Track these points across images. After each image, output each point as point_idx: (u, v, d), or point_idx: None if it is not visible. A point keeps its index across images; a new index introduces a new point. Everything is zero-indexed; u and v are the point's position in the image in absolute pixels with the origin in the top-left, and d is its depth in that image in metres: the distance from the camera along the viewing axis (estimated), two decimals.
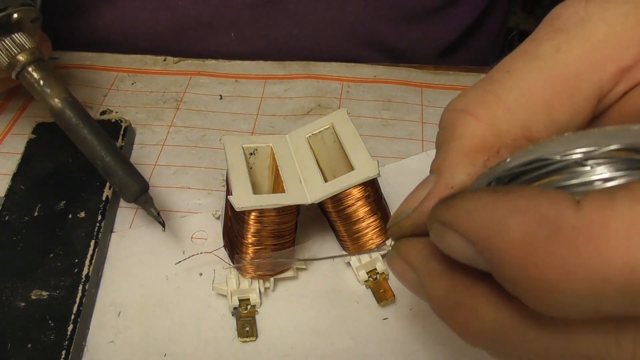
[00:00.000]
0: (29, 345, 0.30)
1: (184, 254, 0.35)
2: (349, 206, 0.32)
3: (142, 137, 0.44)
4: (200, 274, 0.35)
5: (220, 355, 0.31)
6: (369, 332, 0.32)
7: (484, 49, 0.63)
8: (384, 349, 0.31)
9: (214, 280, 0.34)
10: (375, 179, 0.32)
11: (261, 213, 0.30)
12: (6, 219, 0.35)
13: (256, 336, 0.32)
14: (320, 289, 0.34)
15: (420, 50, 0.56)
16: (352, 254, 0.34)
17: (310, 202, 0.31)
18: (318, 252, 0.36)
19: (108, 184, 0.37)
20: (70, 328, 0.31)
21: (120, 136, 0.41)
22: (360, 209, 0.32)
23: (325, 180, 0.32)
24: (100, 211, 0.36)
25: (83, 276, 0.33)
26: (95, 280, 0.34)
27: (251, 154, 0.34)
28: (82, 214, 0.36)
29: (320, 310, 0.33)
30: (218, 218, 0.37)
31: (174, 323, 0.33)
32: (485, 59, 0.65)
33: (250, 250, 0.31)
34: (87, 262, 0.33)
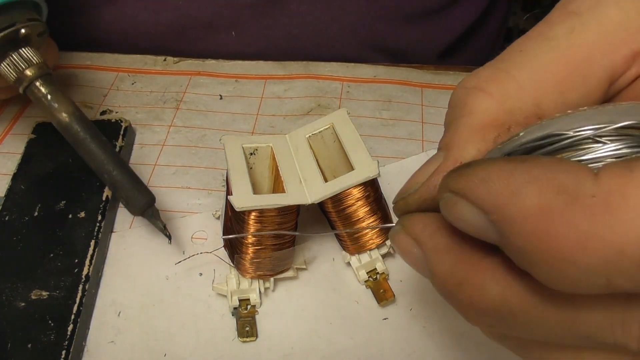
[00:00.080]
0: (29, 345, 0.30)
1: (184, 254, 0.35)
2: (349, 206, 0.32)
3: (142, 137, 0.44)
4: (200, 274, 0.35)
5: (220, 355, 0.31)
6: (369, 332, 0.32)
7: (484, 49, 0.64)
8: (384, 349, 0.31)
9: (214, 280, 0.34)
10: (375, 179, 0.32)
11: (261, 213, 0.30)
12: (6, 219, 0.35)
13: (256, 336, 0.32)
14: (320, 289, 0.34)
15: (420, 50, 0.56)
16: (353, 252, 0.34)
17: (310, 202, 0.31)
18: (318, 253, 0.36)
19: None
20: (70, 328, 0.31)
21: (120, 136, 0.41)
22: (360, 209, 0.32)
23: (325, 180, 0.32)
24: (100, 211, 0.36)
25: (83, 276, 0.33)
26: (95, 280, 0.34)
27: (251, 154, 0.34)
28: (82, 214, 0.36)
29: (320, 311, 0.33)
30: (218, 218, 0.37)
31: (174, 323, 0.33)
32: (486, 59, 0.64)
33: (250, 250, 0.31)
34: (87, 262, 0.34)
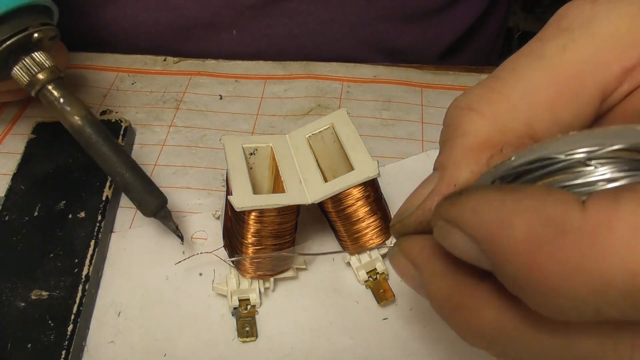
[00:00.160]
0: (29, 345, 0.30)
1: (184, 254, 0.35)
2: (349, 206, 0.32)
3: (142, 137, 0.44)
4: (200, 274, 0.35)
5: (220, 355, 0.31)
6: (369, 332, 0.32)
7: (484, 49, 0.63)
8: (384, 349, 0.31)
9: (214, 280, 0.34)
10: (375, 179, 0.32)
11: (261, 213, 0.30)
12: (6, 219, 0.35)
13: (256, 336, 0.32)
14: (320, 289, 0.34)
15: (420, 50, 0.56)
16: (353, 253, 0.34)
17: (310, 202, 0.31)
18: (318, 252, 0.36)
19: (108, 183, 0.37)
20: (70, 328, 0.31)
21: (120, 136, 0.41)
22: (360, 209, 0.32)
23: (325, 180, 0.32)
24: (100, 211, 0.36)
25: (83, 276, 0.33)
26: (95, 280, 0.34)
27: (251, 154, 0.34)
28: (82, 214, 0.36)
29: (320, 311, 0.33)
30: (218, 218, 0.37)
31: (174, 323, 0.33)
32: (486, 59, 0.65)
33: (250, 250, 0.31)
34: (87, 262, 0.34)
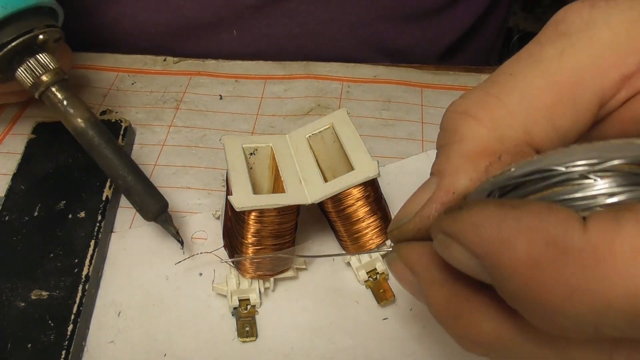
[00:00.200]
0: (29, 345, 0.30)
1: (183, 254, 0.35)
2: (349, 206, 0.32)
3: (142, 137, 0.44)
4: (200, 274, 0.35)
5: (220, 355, 0.31)
6: (369, 332, 0.32)
7: (484, 49, 0.63)
8: (384, 349, 0.31)
9: (214, 280, 0.34)
10: (375, 179, 0.32)
11: (261, 213, 0.30)
12: (6, 219, 0.35)
13: (256, 336, 0.32)
14: (320, 289, 0.34)
15: (421, 50, 0.56)
16: (353, 253, 0.34)
17: (310, 202, 0.31)
18: (318, 252, 0.36)
19: (108, 183, 0.37)
20: (70, 328, 0.31)
21: (120, 136, 0.41)
22: (360, 209, 0.32)
23: (325, 180, 0.32)
24: (100, 211, 0.36)
25: (83, 276, 0.33)
26: (95, 280, 0.34)
27: (251, 154, 0.34)
28: (82, 214, 0.36)
29: (320, 310, 0.33)
30: (218, 218, 0.37)
31: (174, 323, 0.33)
32: (486, 59, 0.64)
33: (250, 250, 0.31)
34: (87, 262, 0.34)
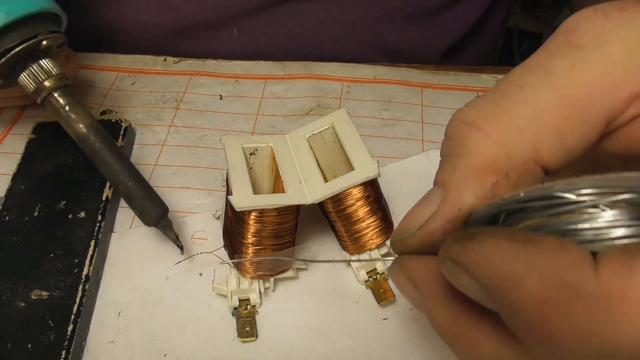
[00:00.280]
0: (29, 345, 0.30)
1: (184, 254, 0.35)
2: (349, 206, 0.32)
3: (142, 137, 0.44)
4: (200, 274, 0.35)
5: (220, 355, 0.31)
6: (369, 332, 0.32)
7: (485, 49, 0.63)
8: (384, 349, 0.31)
9: (214, 280, 0.34)
10: (375, 179, 0.32)
11: (261, 213, 0.30)
12: (6, 219, 0.35)
13: (256, 336, 0.32)
14: (320, 289, 0.34)
15: (421, 51, 0.56)
16: (355, 260, 0.34)
17: (310, 202, 0.31)
18: (318, 252, 0.36)
19: (108, 184, 0.37)
20: (70, 328, 0.31)
21: (120, 136, 0.41)
22: (360, 209, 0.32)
23: (325, 180, 0.32)
24: (100, 211, 0.36)
25: (83, 276, 0.33)
26: (95, 280, 0.34)
27: (251, 154, 0.34)
28: (82, 214, 0.36)
29: (320, 310, 0.33)
30: (218, 218, 0.37)
31: (174, 323, 0.33)
32: (486, 59, 0.64)
33: (250, 250, 0.31)
34: (87, 262, 0.34)
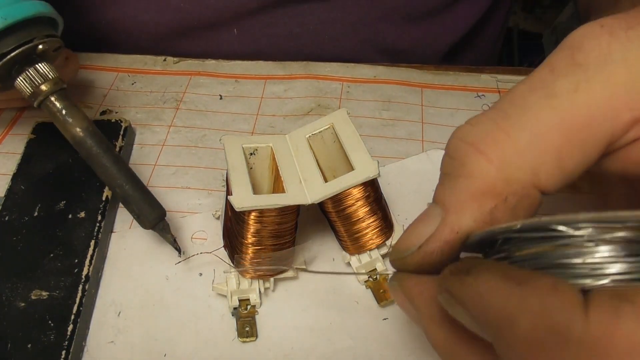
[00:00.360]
0: (29, 346, 0.30)
1: (184, 254, 0.35)
2: (349, 206, 0.32)
3: (142, 137, 0.44)
4: (200, 274, 0.35)
5: (220, 355, 0.31)
6: (369, 332, 0.32)
7: (485, 49, 0.63)
8: (384, 349, 0.31)
9: (214, 281, 0.34)
10: (375, 179, 0.32)
11: (261, 213, 0.30)
12: (6, 219, 0.35)
13: (256, 336, 0.32)
14: (320, 289, 0.34)
15: (421, 51, 0.56)
16: (353, 253, 0.34)
17: (310, 202, 0.31)
18: (318, 252, 0.36)
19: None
20: (70, 328, 0.31)
21: (120, 136, 0.41)
22: (360, 209, 0.32)
23: (325, 180, 0.32)
24: (100, 211, 0.36)
25: (83, 276, 0.33)
26: (95, 280, 0.34)
27: (251, 154, 0.34)
28: (82, 214, 0.36)
29: (320, 310, 0.33)
30: (218, 218, 0.37)
31: (174, 323, 0.33)
32: (486, 59, 0.64)
33: (250, 250, 0.31)
34: (87, 262, 0.34)
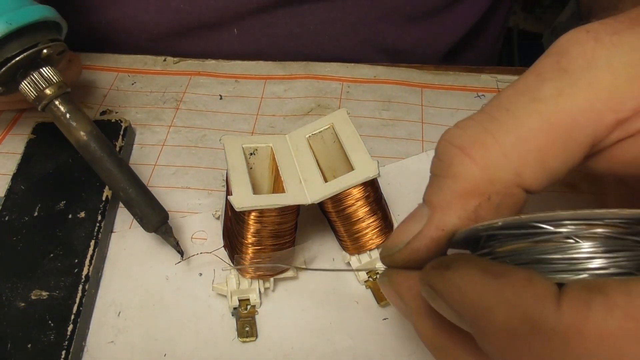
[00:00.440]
0: (29, 346, 0.30)
1: (184, 257, 0.35)
2: (349, 206, 0.32)
3: (142, 137, 0.44)
4: (200, 274, 0.35)
5: (220, 355, 0.31)
6: (369, 332, 0.32)
7: (486, 49, 0.63)
8: (384, 349, 0.31)
9: (214, 281, 0.34)
10: (375, 179, 0.32)
11: (261, 213, 0.30)
12: (6, 219, 0.35)
13: (256, 336, 0.32)
14: (320, 289, 0.34)
15: (421, 51, 0.56)
16: (352, 253, 0.34)
17: (310, 202, 0.31)
18: (318, 252, 0.36)
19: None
20: (70, 328, 0.31)
21: (120, 136, 0.41)
22: (360, 209, 0.32)
23: (325, 180, 0.32)
24: (100, 211, 0.36)
25: (83, 276, 0.33)
26: (95, 280, 0.34)
27: (251, 154, 0.34)
28: (82, 214, 0.36)
29: (320, 310, 0.33)
30: (218, 218, 0.37)
31: (174, 323, 0.33)
32: (486, 59, 0.64)
33: (250, 250, 0.31)
34: (87, 262, 0.34)
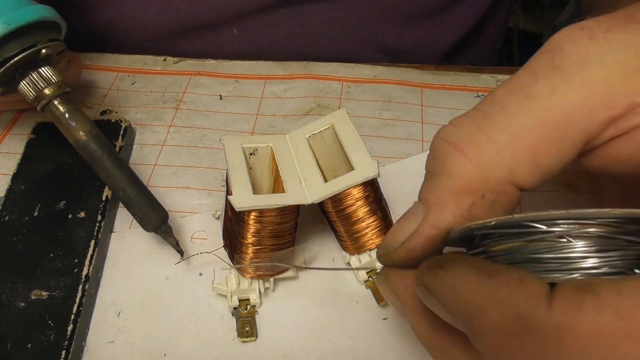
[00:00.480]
0: (29, 345, 0.30)
1: (184, 257, 0.35)
2: (349, 206, 0.32)
3: (142, 137, 0.44)
4: (200, 274, 0.35)
5: (220, 355, 0.31)
6: (369, 332, 0.32)
7: (486, 49, 0.63)
8: (384, 349, 0.31)
9: (213, 281, 0.34)
10: (375, 179, 0.32)
11: (261, 213, 0.30)
12: (6, 219, 0.35)
13: (256, 336, 0.32)
14: (320, 289, 0.34)
15: (422, 51, 0.56)
16: (352, 253, 0.34)
17: (310, 202, 0.31)
18: (318, 252, 0.36)
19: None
20: (70, 328, 0.31)
21: (120, 136, 0.41)
22: (360, 209, 0.32)
23: (325, 180, 0.32)
24: (100, 211, 0.36)
25: (83, 276, 0.33)
26: (95, 280, 0.34)
27: (251, 154, 0.34)
28: (82, 214, 0.36)
29: (320, 310, 0.33)
30: (218, 218, 0.37)
31: (174, 323, 0.33)
32: (486, 59, 0.64)
33: (250, 250, 0.31)
34: (87, 262, 0.34)
